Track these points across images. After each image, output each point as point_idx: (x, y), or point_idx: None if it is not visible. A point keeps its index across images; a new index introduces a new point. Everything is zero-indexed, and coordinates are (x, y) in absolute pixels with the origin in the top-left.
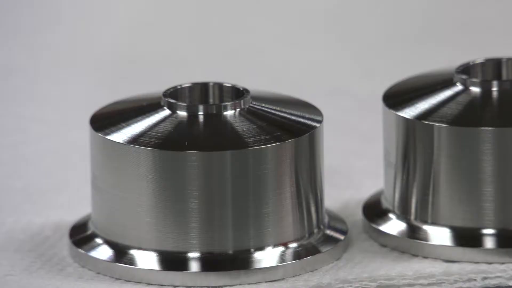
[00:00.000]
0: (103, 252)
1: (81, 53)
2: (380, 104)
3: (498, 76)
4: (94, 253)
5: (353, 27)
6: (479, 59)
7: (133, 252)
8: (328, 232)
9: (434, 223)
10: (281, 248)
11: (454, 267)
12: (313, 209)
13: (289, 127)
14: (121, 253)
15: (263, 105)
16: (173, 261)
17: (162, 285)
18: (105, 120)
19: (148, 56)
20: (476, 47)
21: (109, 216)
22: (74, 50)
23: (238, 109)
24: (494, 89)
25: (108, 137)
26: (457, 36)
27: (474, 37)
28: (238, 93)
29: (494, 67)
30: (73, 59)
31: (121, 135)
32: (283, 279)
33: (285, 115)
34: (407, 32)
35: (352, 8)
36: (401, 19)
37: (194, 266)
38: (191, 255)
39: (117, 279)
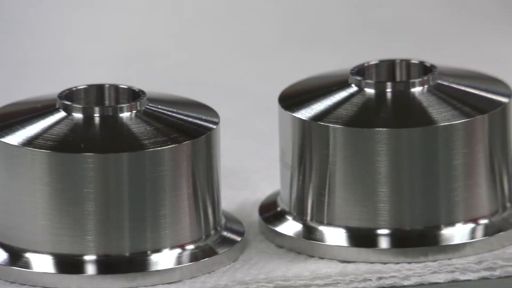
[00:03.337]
0: None
1: None
2: (276, 105)
3: (392, 77)
4: None
5: (248, 28)
6: (373, 61)
7: (28, 255)
8: (225, 233)
9: (330, 223)
10: (178, 250)
11: (350, 267)
12: (210, 210)
13: (186, 129)
14: (16, 257)
15: (159, 107)
16: (69, 264)
17: None
18: None
19: (43, 58)
20: (370, 48)
21: (3, 219)
22: None
23: (134, 111)
24: (388, 90)
25: (2, 139)
26: (352, 38)
27: (368, 38)
28: (134, 95)
29: (388, 68)
30: None
31: (16, 138)
32: (180, 281)
33: (182, 116)
34: (302, 34)
35: (248, 9)
36: (297, 21)
37: (90, 269)
38: (87, 257)
39: (12, 282)
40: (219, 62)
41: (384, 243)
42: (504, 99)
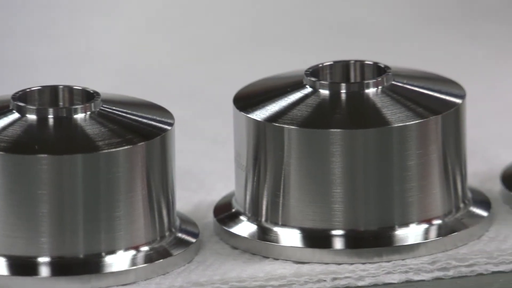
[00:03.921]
0: None
1: None
2: (231, 106)
3: (346, 78)
4: None
5: (203, 29)
6: (328, 62)
7: None
8: (180, 235)
9: (284, 224)
10: (133, 252)
11: (304, 268)
12: (164, 212)
13: (141, 130)
14: None
15: (114, 108)
16: (22, 266)
17: None
18: None
19: None
20: (324, 49)
21: None
22: None
23: (88, 112)
24: (342, 91)
25: None
26: (306, 39)
27: (322, 39)
28: (88, 96)
29: (342, 69)
30: None
31: None
32: (134, 282)
33: (137, 118)
34: (257, 35)
35: (203, 10)
36: (251, 22)
37: (44, 271)
38: (41, 259)
39: None
40: (173, 63)
41: (338, 244)
42: (457, 100)
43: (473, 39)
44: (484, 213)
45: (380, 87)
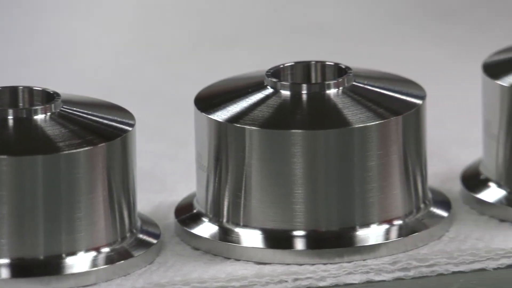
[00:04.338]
0: None
1: None
2: (192, 107)
3: (307, 79)
4: None
5: (163, 29)
6: (289, 62)
7: None
8: (141, 236)
9: (246, 225)
10: (93, 253)
11: (266, 269)
12: (125, 213)
13: (101, 131)
14: None
15: (74, 109)
16: None
17: None
18: None
19: None
20: (285, 50)
21: None
22: None
23: (49, 113)
24: (304, 92)
25: None
26: (268, 39)
27: (283, 40)
28: (48, 97)
29: (303, 70)
30: None
31: None
32: (95, 284)
33: (97, 119)
34: (218, 35)
35: (164, 9)
36: (212, 22)
37: (4, 273)
38: (1, 261)
39: None
40: (134, 63)
41: (299, 244)
42: (418, 101)
43: (434, 40)
44: (444, 214)
45: (341, 88)
